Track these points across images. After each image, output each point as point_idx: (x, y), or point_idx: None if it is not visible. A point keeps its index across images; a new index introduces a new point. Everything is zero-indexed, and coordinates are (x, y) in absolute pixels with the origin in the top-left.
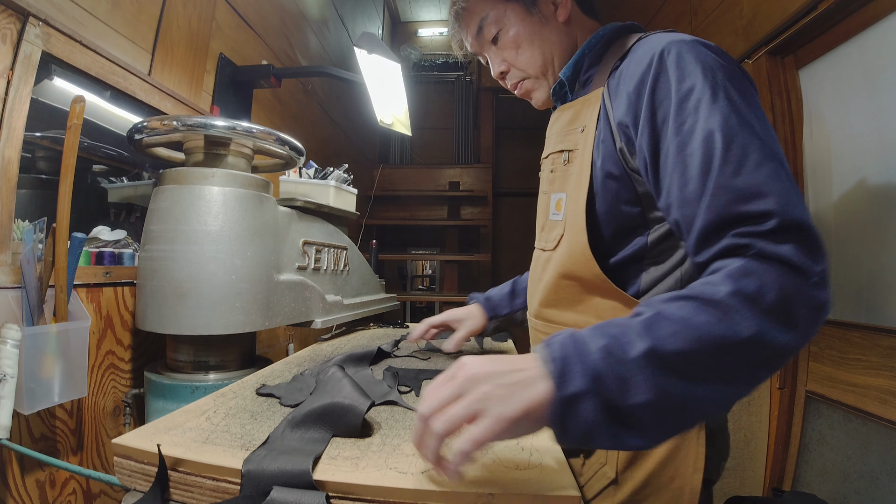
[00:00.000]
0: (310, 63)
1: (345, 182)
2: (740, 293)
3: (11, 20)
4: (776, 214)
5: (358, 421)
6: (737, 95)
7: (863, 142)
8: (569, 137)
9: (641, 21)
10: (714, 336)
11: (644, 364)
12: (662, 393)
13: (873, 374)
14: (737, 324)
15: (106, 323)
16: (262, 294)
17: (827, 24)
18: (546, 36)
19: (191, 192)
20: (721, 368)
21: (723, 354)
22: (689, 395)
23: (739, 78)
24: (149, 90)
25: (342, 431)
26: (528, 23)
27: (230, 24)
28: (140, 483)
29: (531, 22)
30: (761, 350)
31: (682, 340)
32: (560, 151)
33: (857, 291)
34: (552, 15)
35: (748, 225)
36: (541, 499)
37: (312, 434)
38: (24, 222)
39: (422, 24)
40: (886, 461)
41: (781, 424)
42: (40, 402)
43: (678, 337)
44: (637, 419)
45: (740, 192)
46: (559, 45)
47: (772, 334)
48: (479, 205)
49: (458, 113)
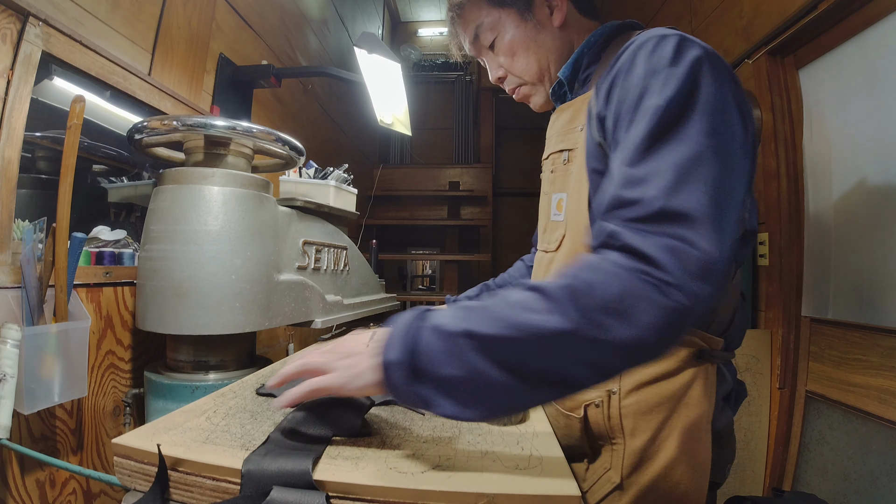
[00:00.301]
0: (310, 63)
1: (345, 182)
2: (570, 287)
3: (11, 20)
4: (650, 204)
5: (358, 420)
6: (699, 77)
7: (863, 142)
8: (568, 137)
9: (641, 21)
10: (531, 326)
11: (461, 343)
12: (472, 370)
13: (873, 374)
14: (556, 317)
15: (106, 323)
16: (262, 294)
17: (827, 24)
18: (541, 42)
19: (191, 192)
20: (539, 359)
21: (540, 345)
22: (496, 379)
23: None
24: (149, 90)
25: (342, 431)
26: (522, 29)
27: (230, 24)
28: (140, 483)
29: (526, 28)
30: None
31: (499, 326)
32: (560, 151)
33: (857, 291)
34: (547, 20)
35: (625, 208)
36: (541, 499)
37: (312, 433)
38: (24, 222)
39: (422, 24)
40: (886, 461)
41: (781, 424)
42: (40, 402)
43: (498, 323)
44: (446, 387)
45: (631, 178)
46: (555, 51)
47: (594, 331)
48: (479, 205)
49: (457, 113)
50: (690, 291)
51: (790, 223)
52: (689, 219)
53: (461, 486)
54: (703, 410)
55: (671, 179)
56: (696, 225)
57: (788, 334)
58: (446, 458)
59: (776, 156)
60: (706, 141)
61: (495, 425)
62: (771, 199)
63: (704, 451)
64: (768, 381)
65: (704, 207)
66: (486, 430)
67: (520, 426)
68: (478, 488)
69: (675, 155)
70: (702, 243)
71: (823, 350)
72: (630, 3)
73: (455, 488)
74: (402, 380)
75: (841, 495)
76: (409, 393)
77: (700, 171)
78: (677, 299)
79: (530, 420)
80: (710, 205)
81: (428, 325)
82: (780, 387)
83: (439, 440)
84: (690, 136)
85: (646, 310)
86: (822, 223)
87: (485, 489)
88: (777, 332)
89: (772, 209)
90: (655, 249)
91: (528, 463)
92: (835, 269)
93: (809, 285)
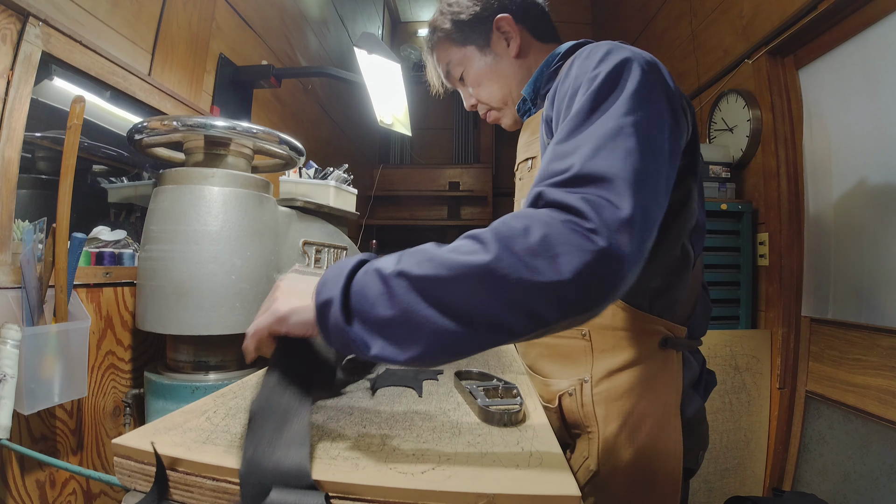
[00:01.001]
0: (310, 63)
1: (345, 182)
2: (497, 230)
3: (11, 20)
4: (572, 169)
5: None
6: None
7: (863, 142)
8: (532, 146)
9: (641, 21)
10: (459, 264)
11: (394, 282)
12: (403, 308)
13: (873, 374)
14: (482, 256)
15: (106, 323)
16: (262, 294)
17: (827, 24)
18: (501, 71)
19: (191, 192)
20: (469, 298)
21: (469, 284)
22: (425, 316)
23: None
24: (149, 90)
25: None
26: (484, 62)
27: (230, 25)
28: (140, 483)
29: (486, 60)
30: (500, 281)
31: (430, 266)
32: (525, 160)
33: (857, 291)
34: (505, 51)
35: (552, 177)
36: (541, 499)
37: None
38: (24, 222)
39: (422, 25)
40: (886, 461)
41: (781, 424)
42: (40, 402)
43: (431, 263)
44: (379, 327)
45: (558, 153)
46: (514, 77)
47: (519, 271)
48: (479, 205)
49: (457, 113)
50: (612, 240)
51: (790, 223)
52: (607, 180)
53: (461, 486)
54: (671, 396)
55: (591, 148)
56: (614, 185)
57: (788, 334)
58: (446, 458)
59: (776, 156)
60: (626, 119)
61: (495, 425)
62: (771, 199)
63: (675, 436)
64: (768, 381)
65: (620, 171)
66: (487, 431)
67: (520, 426)
68: (478, 488)
69: (597, 130)
70: (619, 201)
71: (823, 350)
72: (630, 4)
73: (455, 488)
74: (335, 320)
75: (841, 495)
76: (340, 333)
77: (618, 142)
78: (599, 244)
79: (530, 420)
80: (627, 169)
81: (366, 269)
82: (780, 387)
83: (439, 440)
84: (611, 115)
85: (569, 252)
86: (822, 223)
87: (485, 489)
88: (777, 332)
89: (772, 209)
90: (578, 202)
91: (528, 463)
92: (835, 269)
93: (809, 285)
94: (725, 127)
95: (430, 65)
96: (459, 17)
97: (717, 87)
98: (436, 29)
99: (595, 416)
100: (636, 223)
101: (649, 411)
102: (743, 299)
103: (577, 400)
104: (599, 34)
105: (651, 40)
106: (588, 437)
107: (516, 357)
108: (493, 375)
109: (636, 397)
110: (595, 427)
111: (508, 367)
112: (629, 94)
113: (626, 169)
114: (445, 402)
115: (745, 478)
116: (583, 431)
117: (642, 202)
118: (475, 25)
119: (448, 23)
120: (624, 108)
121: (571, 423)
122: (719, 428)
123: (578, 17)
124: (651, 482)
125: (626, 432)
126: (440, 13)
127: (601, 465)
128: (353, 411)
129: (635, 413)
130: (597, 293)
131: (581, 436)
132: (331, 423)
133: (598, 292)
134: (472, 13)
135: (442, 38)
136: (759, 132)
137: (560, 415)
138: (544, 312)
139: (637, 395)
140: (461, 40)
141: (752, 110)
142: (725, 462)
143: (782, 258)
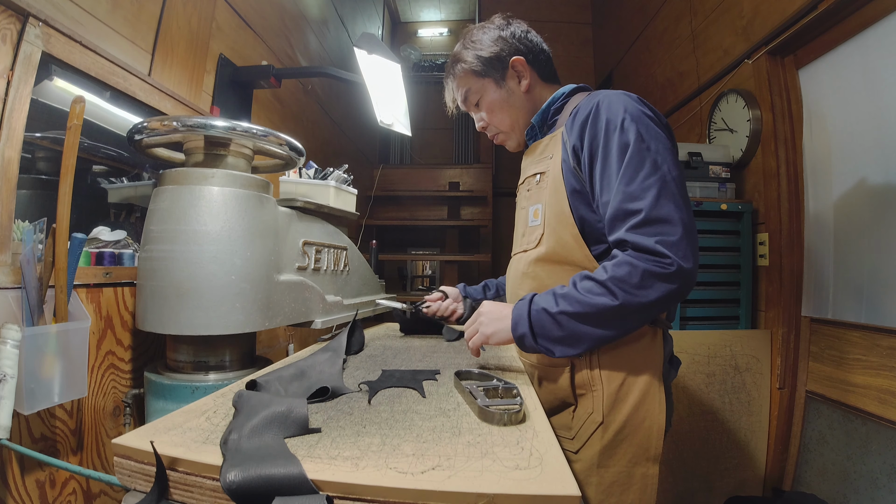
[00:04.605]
0: (310, 63)
1: (345, 182)
2: (614, 278)
3: (11, 20)
4: (642, 213)
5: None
6: (643, 129)
7: (863, 142)
8: (541, 163)
9: (641, 21)
10: (598, 304)
11: (560, 318)
12: (570, 331)
13: (873, 374)
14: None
15: (106, 323)
16: (262, 294)
17: (827, 24)
18: (512, 103)
19: (191, 192)
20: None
21: (603, 313)
22: (585, 332)
23: (648, 118)
24: (149, 90)
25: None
26: (498, 94)
27: (230, 25)
28: (140, 483)
29: (500, 93)
30: (626, 310)
31: (578, 305)
32: (534, 174)
33: (857, 291)
34: (517, 87)
35: (630, 218)
36: (541, 499)
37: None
38: (24, 222)
39: (422, 25)
40: (886, 461)
41: (781, 424)
42: (40, 402)
43: (578, 304)
44: (558, 342)
45: (628, 195)
46: (523, 110)
47: (633, 300)
48: (479, 205)
49: (457, 113)
50: (680, 266)
51: (790, 223)
52: (669, 222)
53: (461, 486)
54: (657, 362)
55: (653, 196)
56: (673, 225)
57: (788, 334)
58: (446, 458)
59: (776, 156)
60: (663, 169)
61: (495, 425)
62: (771, 199)
63: (659, 395)
64: (768, 381)
65: (674, 213)
66: (487, 430)
67: (520, 426)
68: (478, 488)
69: (650, 180)
70: (677, 235)
71: (823, 350)
72: (630, 4)
73: (455, 488)
74: (530, 342)
75: (841, 495)
76: (535, 348)
77: (665, 190)
78: (673, 272)
79: (530, 420)
80: (677, 211)
81: (537, 308)
82: (780, 387)
83: (439, 440)
84: (655, 167)
85: (660, 281)
86: (822, 223)
87: (485, 489)
88: (777, 332)
89: (772, 209)
90: (655, 245)
91: (528, 463)
92: (835, 269)
93: (809, 285)
94: (725, 127)
95: (449, 88)
96: (480, 54)
97: (717, 87)
98: (459, 60)
99: (601, 377)
100: (691, 245)
101: (642, 373)
102: (743, 299)
103: (586, 362)
104: (599, 34)
105: (651, 40)
106: (593, 395)
107: (516, 357)
108: (493, 375)
109: (632, 362)
110: (600, 386)
111: (508, 367)
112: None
113: (677, 211)
114: (445, 402)
115: (745, 478)
116: (588, 391)
117: (689, 228)
118: (494, 63)
119: (471, 56)
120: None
121: (579, 383)
122: (719, 428)
123: (578, 18)
124: (643, 430)
125: (625, 389)
126: (464, 47)
127: (605, 416)
128: (353, 411)
129: (632, 374)
130: (680, 296)
131: (585, 395)
132: (331, 423)
133: (681, 295)
134: (493, 52)
135: (465, 69)
136: (759, 132)
137: (571, 375)
138: (652, 315)
139: (633, 361)
140: (481, 73)
141: (752, 110)
142: (725, 462)
143: (782, 258)
